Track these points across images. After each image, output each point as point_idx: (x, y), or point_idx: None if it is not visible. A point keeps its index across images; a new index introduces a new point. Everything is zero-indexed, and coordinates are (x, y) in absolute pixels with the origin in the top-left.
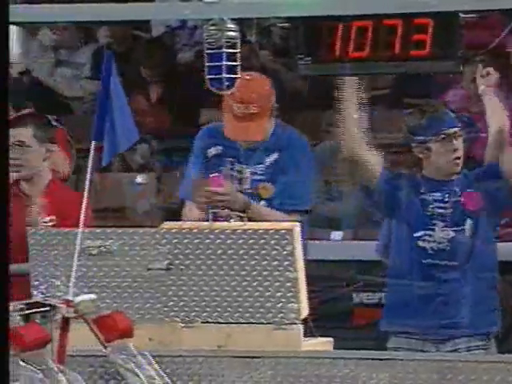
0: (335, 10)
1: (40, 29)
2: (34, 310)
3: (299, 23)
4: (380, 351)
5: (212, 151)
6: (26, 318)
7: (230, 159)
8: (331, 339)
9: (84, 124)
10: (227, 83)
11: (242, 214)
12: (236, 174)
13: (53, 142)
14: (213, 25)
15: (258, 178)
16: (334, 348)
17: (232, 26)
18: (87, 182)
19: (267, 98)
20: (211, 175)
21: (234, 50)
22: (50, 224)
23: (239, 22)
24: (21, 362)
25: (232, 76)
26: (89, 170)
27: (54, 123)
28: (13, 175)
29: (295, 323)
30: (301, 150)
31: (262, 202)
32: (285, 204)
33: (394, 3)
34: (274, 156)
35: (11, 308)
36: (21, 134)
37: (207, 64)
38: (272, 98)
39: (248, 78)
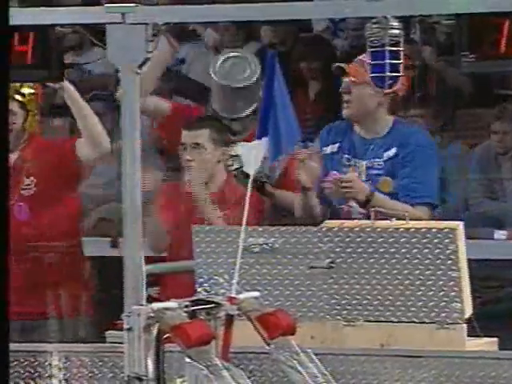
0: (501, 6)
1: (204, 29)
2: (198, 307)
3: (463, 20)
4: None
5: (328, 149)
6: (191, 315)
7: (347, 156)
8: (496, 339)
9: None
10: (390, 81)
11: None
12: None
13: (228, 144)
14: (376, 23)
15: (376, 172)
16: (500, 348)
17: (395, 23)
18: (250, 182)
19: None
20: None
21: (397, 48)
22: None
23: (402, 19)
24: (186, 359)
25: (395, 74)
26: (252, 169)
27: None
28: (188, 176)
29: (458, 323)
30: (424, 146)
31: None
32: (409, 197)
33: None
34: (393, 151)
35: (177, 305)
36: (198, 135)
37: (370, 62)
38: (387, 95)
39: None
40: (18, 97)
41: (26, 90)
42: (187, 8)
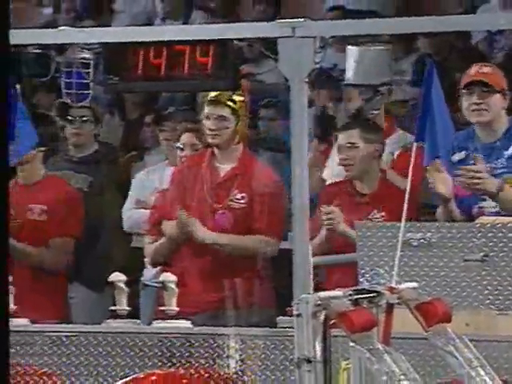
0: None
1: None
2: (361, 296)
3: None
4: None
5: (456, 157)
6: (355, 303)
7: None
8: None
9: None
10: None
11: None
12: None
13: (380, 141)
14: None
15: (500, 171)
16: None
17: None
18: (409, 180)
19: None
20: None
21: None
22: (381, 219)
23: None
24: (350, 343)
25: None
26: (410, 168)
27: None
28: (345, 174)
29: None
30: None
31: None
32: None
33: None
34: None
35: (342, 294)
36: (350, 135)
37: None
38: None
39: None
40: (230, 103)
41: (237, 98)
42: (351, 22)
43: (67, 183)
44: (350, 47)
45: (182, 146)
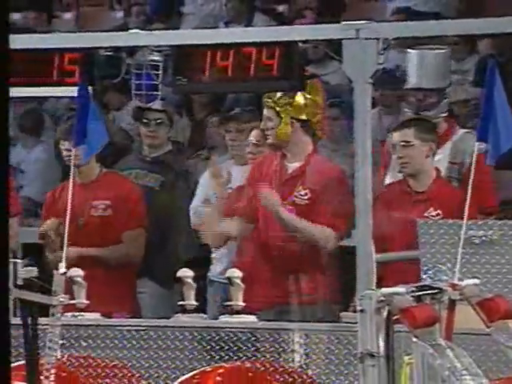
0: None
1: None
2: (424, 292)
3: None
4: None
5: None
6: (417, 300)
7: None
8: None
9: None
10: None
11: None
12: None
13: (435, 141)
14: None
15: None
16: None
17: None
18: (471, 180)
19: None
20: None
21: None
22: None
23: None
24: (413, 338)
25: None
26: (472, 167)
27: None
28: (402, 172)
29: None
30: None
31: None
32: None
33: None
34: None
35: (404, 290)
36: (405, 134)
37: None
38: None
39: None
40: (273, 105)
41: (281, 100)
42: (415, 24)
43: (124, 177)
44: (410, 51)
45: (254, 141)
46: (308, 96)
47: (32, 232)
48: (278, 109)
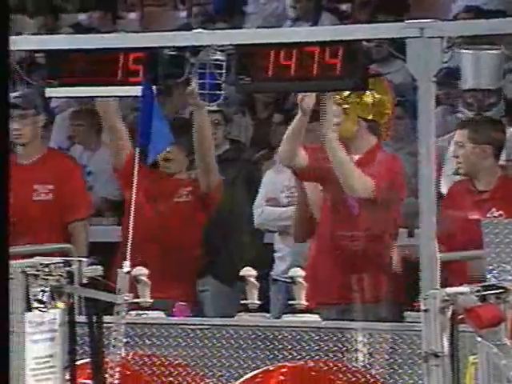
0: None
1: None
2: (489, 292)
3: None
4: None
5: None
6: (482, 299)
7: None
8: None
9: None
10: None
11: None
12: None
13: (493, 142)
14: None
15: None
16: None
17: None
18: None
19: None
20: None
21: None
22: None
23: None
24: (478, 338)
25: None
26: None
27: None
28: (457, 171)
29: None
30: None
31: None
32: None
33: None
34: None
35: (469, 290)
36: (460, 135)
37: None
38: None
39: None
40: (341, 101)
41: (349, 98)
42: (479, 22)
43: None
44: (464, 51)
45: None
46: (377, 96)
47: (98, 230)
48: (345, 106)
